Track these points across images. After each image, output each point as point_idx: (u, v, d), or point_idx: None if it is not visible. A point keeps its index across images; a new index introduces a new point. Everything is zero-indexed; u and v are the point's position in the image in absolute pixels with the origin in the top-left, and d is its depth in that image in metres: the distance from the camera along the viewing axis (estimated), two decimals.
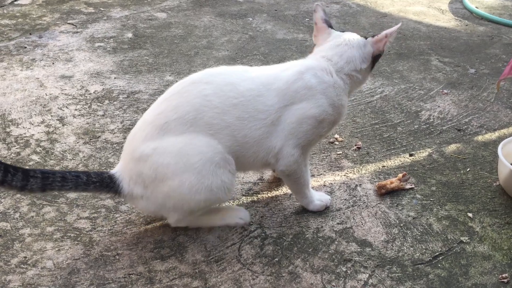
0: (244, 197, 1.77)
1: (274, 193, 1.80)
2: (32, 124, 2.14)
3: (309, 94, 1.52)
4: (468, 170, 1.93)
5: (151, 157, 1.44)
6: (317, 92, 1.53)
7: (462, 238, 1.60)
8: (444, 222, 1.67)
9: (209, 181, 1.45)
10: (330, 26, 1.67)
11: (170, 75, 2.61)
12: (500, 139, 1.88)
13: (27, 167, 1.51)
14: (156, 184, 1.46)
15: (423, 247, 1.56)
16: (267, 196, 1.78)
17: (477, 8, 3.69)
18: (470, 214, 1.70)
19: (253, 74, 1.56)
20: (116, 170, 1.53)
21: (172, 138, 1.45)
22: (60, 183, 1.43)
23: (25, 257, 1.48)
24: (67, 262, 1.47)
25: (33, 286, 1.39)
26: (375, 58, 1.63)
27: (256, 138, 1.50)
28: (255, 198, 1.76)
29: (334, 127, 1.64)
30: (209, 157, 1.45)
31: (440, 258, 1.53)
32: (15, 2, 3.56)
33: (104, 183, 1.49)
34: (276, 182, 1.84)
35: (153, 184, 1.46)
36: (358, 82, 1.64)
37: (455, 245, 1.58)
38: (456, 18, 3.59)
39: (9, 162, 1.87)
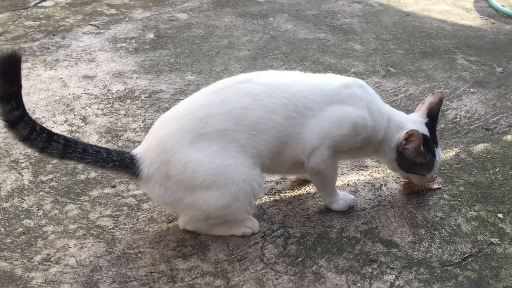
0: (266, 196, 1.74)
1: (297, 192, 1.77)
2: (56, 123, 2.15)
3: (355, 101, 1.53)
4: (497, 170, 1.88)
5: (186, 149, 1.42)
6: (362, 103, 1.54)
7: (492, 240, 1.55)
8: (473, 223, 1.61)
9: (237, 187, 1.42)
10: (432, 114, 1.69)
11: (191, 75, 2.61)
12: None
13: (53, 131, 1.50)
14: (181, 178, 1.42)
15: (452, 248, 1.52)
16: (290, 195, 1.75)
17: (503, 6, 3.60)
18: (500, 215, 1.65)
19: (305, 77, 1.61)
20: (138, 152, 1.49)
21: (211, 134, 1.42)
22: (80, 154, 1.42)
23: (48, 254, 1.48)
24: (89, 260, 1.46)
25: (55, 283, 1.39)
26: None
27: (299, 136, 1.49)
28: (278, 197, 1.74)
29: (367, 147, 1.61)
30: (245, 159, 1.44)
31: (470, 259, 1.48)
32: (39, 4, 3.61)
33: (124, 163, 1.46)
34: (299, 181, 1.82)
35: (178, 177, 1.42)
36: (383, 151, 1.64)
37: (485, 246, 1.53)
38: (482, 16, 3.51)
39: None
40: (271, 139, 1.47)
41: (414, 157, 1.58)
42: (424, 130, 1.62)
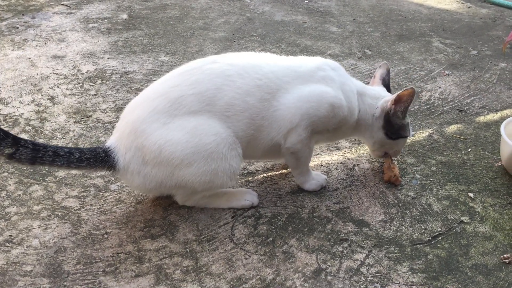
0: (238, 176, 1.71)
1: (269, 173, 1.74)
2: (22, 103, 2.08)
3: (329, 82, 1.52)
4: (469, 150, 1.88)
5: (159, 131, 1.38)
6: (336, 84, 1.53)
7: (462, 218, 1.55)
8: (444, 202, 1.61)
9: (216, 164, 1.40)
10: (386, 86, 1.73)
11: (165, 56, 2.55)
12: (503, 120, 1.83)
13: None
14: (158, 162, 1.39)
15: (422, 227, 1.51)
16: (261, 176, 1.73)
17: None
18: (471, 194, 1.65)
19: (277, 58, 1.58)
20: (110, 143, 1.45)
21: (185, 115, 1.39)
22: (52, 158, 1.36)
23: (11, 235, 1.43)
24: (53, 241, 1.42)
25: (17, 264, 1.34)
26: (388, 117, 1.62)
27: (274, 118, 1.47)
28: (250, 178, 1.71)
29: (342, 128, 1.59)
30: (224, 138, 1.41)
31: (440, 238, 1.48)
32: None
33: (99, 158, 1.41)
34: (271, 162, 1.79)
35: (155, 160, 1.39)
36: (366, 125, 1.64)
37: (455, 225, 1.53)
38: (458, 0, 3.52)
39: None
40: (245, 121, 1.44)
41: (403, 118, 1.60)
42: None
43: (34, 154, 1.34)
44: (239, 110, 1.43)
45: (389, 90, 1.72)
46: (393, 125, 1.61)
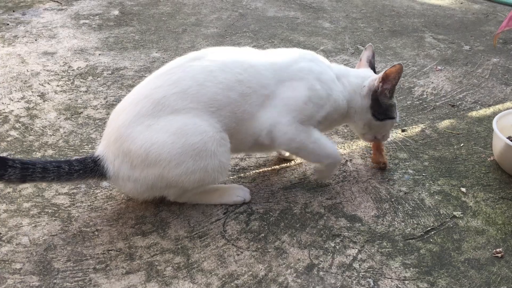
0: (230, 172, 1.70)
1: (262, 168, 1.73)
2: (12, 100, 2.06)
3: (305, 75, 1.51)
4: (461, 145, 1.88)
5: (144, 134, 1.37)
6: (312, 75, 1.51)
7: (455, 213, 1.55)
8: (436, 197, 1.61)
9: (205, 162, 1.39)
10: (372, 67, 1.70)
11: (156, 52, 2.53)
12: (495, 114, 1.82)
13: (5, 156, 1.43)
14: (146, 165, 1.38)
15: (415, 222, 1.51)
16: (254, 172, 1.72)
17: None
18: (463, 189, 1.65)
19: (257, 52, 1.57)
20: (99, 152, 1.44)
21: (170, 115, 1.38)
22: (41, 174, 1.34)
23: (0, 233, 1.42)
24: (43, 238, 1.41)
25: (7, 262, 1.33)
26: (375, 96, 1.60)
27: (253, 113, 1.46)
28: (242, 174, 1.70)
29: (333, 115, 1.57)
30: (211, 136, 1.40)
31: (432, 233, 1.47)
32: None
33: (88, 168, 1.40)
34: (263, 158, 1.78)
35: (143, 164, 1.38)
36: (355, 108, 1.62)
37: (447, 220, 1.52)
38: None
39: None
40: (228, 115, 1.43)
41: (390, 97, 1.58)
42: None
43: (24, 173, 1.33)
44: (222, 104, 1.42)
45: (375, 72, 1.70)
46: (380, 105, 1.59)
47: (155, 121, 1.37)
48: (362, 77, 1.62)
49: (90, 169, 1.40)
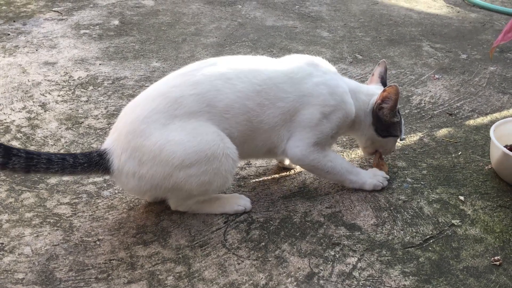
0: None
1: (262, 177, 1.75)
2: (13, 110, 2.08)
3: (322, 88, 1.55)
4: (459, 153, 1.90)
5: (161, 131, 1.38)
6: (327, 89, 1.55)
7: (453, 221, 1.56)
8: (435, 206, 1.63)
9: (219, 162, 1.41)
10: (384, 83, 1.76)
11: (156, 62, 2.55)
12: (492, 123, 1.84)
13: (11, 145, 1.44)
14: (156, 162, 1.38)
15: (414, 230, 1.52)
16: (254, 181, 1.73)
17: None
18: (461, 197, 1.66)
19: (273, 62, 1.60)
20: (106, 145, 1.45)
21: (185, 116, 1.40)
22: (46, 165, 1.36)
23: (2, 243, 1.43)
24: (45, 248, 1.42)
25: (9, 272, 1.34)
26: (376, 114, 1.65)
27: (272, 124, 1.51)
28: (242, 183, 1.72)
29: (343, 129, 1.64)
30: (223, 137, 1.43)
31: (431, 241, 1.49)
32: None
33: (93, 162, 1.41)
34: (263, 167, 1.80)
35: (153, 161, 1.38)
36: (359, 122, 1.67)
37: (446, 228, 1.54)
38: (448, 5, 3.55)
39: None
40: (243, 123, 1.48)
41: (391, 117, 1.63)
42: None
43: (28, 163, 1.34)
44: (239, 112, 1.46)
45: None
46: (382, 122, 1.64)
47: (170, 120, 1.39)
48: (370, 94, 1.67)
49: (95, 162, 1.41)
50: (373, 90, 1.69)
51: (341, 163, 1.63)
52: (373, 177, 1.67)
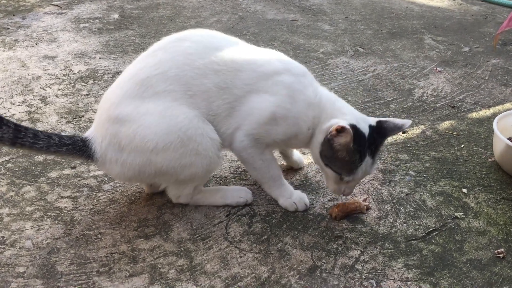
0: (232, 175, 1.71)
1: None
2: (13, 104, 2.06)
3: (280, 89, 1.42)
4: (462, 146, 1.88)
5: (132, 115, 1.36)
6: (286, 91, 1.42)
7: (456, 214, 1.55)
8: (438, 198, 1.62)
9: (195, 143, 1.37)
10: (380, 127, 1.45)
11: None
12: (495, 115, 1.83)
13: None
14: (133, 147, 1.37)
15: (417, 223, 1.52)
16: None
17: None
18: (464, 190, 1.65)
19: (243, 48, 1.48)
20: (88, 133, 1.45)
21: (153, 97, 1.37)
22: (32, 139, 1.36)
23: (3, 237, 1.42)
24: (46, 242, 1.41)
25: (10, 266, 1.33)
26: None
27: (226, 112, 1.42)
28: (244, 176, 1.71)
29: (293, 141, 1.48)
30: (195, 115, 1.38)
31: (434, 234, 1.48)
32: None
33: (77, 146, 1.41)
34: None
35: (130, 146, 1.37)
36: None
37: (449, 220, 1.53)
38: None
39: None
40: (204, 104, 1.41)
41: (339, 150, 1.37)
42: (365, 130, 1.41)
43: (16, 135, 1.34)
44: (198, 91, 1.40)
45: (382, 135, 1.46)
46: (329, 149, 1.40)
47: (140, 103, 1.37)
48: (334, 116, 1.42)
49: (79, 147, 1.41)
50: (342, 113, 1.43)
51: (273, 168, 1.52)
52: (292, 197, 1.54)
